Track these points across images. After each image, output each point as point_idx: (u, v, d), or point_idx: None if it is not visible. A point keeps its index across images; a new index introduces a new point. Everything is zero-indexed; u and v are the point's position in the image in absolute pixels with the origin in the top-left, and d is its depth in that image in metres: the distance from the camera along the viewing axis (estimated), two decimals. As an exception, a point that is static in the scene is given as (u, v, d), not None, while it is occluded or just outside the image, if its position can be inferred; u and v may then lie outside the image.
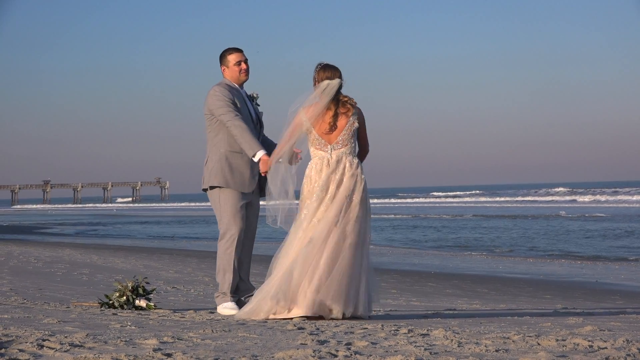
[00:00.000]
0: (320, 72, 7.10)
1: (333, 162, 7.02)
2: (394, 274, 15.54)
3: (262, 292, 6.97)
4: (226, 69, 7.69)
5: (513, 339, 5.25)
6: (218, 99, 7.52)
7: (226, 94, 7.53)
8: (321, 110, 7.04)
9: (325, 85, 7.04)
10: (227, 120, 7.45)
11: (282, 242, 7.07)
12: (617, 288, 13.58)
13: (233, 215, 7.52)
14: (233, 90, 7.61)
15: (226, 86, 7.62)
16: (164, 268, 15.31)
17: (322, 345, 5.01)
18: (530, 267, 17.83)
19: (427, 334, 5.68)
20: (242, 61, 7.67)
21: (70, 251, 19.86)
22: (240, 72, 7.66)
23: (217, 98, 7.52)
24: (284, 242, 7.04)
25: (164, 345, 4.92)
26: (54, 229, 40.46)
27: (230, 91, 7.57)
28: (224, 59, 7.70)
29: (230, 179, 7.54)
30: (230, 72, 7.67)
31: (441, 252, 22.74)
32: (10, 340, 4.85)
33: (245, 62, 7.68)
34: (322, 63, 7.13)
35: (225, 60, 7.69)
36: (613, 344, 4.98)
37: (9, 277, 11.93)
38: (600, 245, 23.85)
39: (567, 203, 63.76)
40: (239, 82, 7.68)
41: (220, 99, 7.51)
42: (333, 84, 7.04)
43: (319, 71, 7.10)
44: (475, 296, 11.78)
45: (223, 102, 7.49)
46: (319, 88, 7.06)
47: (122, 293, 7.70)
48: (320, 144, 7.06)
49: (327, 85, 7.04)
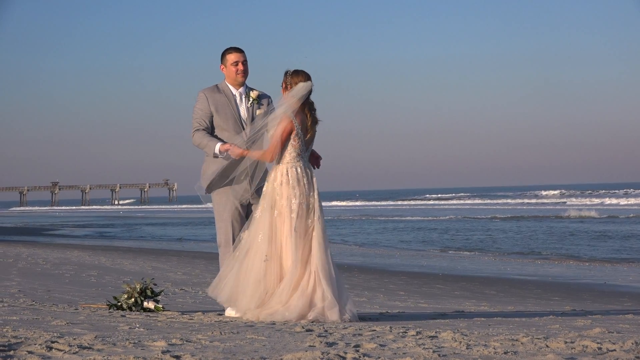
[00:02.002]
0: (293, 76, 7.26)
1: (305, 169, 7.26)
2: (402, 276, 15.53)
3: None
4: (224, 67, 7.76)
5: (521, 341, 5.24)
6: (194, 108, 7.67)
7: (202, 105, 7.63)
8: (303, 115, 7.24)
9: (301, 87, 7.21)
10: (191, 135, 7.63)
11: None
12: (626, 290, 13.55)
13: (218, 220, 7.63)
14: (218, 94, 7.67)
15: (212, 90, 7.70)
16: (172, 270, 15.32)
17: (331, 347, 5.01)
18: (538, 269, 17.79)
19: (435, 336, 5.68)
20: (240, 62, 7.70)
21: (79, 253, 19.89)
22: (237, 73, 7.70)
23: (195, 107, 7.68)
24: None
25: (172, 347, 4.92)
26: (62, 230, 40.54)
27: (212, 96, 7.65)
28: (223, 58, 7.78)
29: (215, 182, 7.63)
30: (228, 71, 7.74)
31: (449, 254, 22.71)
32: (19, 342, 4.86)
33: (243, 63, 7.72)
34: (292, 69, 7.31)
35: (224, 59, 7.76)
36: (622, 346, 4.97)
37: (18, 278, 11.96)
38: (608, 246, 23.80)
39: (572, 205, 63.61)
40: (235, 83, 7.72)
41: (195, 110, 7.67)
42: (309, 84, 7.25)
43: (292, 76, 7.27)
44: (483, 298, 11.77)
45: (194, 114, 7.65)
46: (296, 91, 7.22)
47: (130, 295, 7.70)
48: (302, 151, 7.26)
49: (302, 86, 7.22)
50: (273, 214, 7.19)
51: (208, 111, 7.60)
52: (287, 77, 7.29)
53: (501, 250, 23.67)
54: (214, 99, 7.64)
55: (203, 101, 7.64)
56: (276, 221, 7.17)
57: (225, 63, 7.74)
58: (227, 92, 7.71)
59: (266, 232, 7.15)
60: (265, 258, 7.12)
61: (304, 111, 7.26)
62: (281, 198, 7.18)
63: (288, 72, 7.32)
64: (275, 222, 7.17)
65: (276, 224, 7.17)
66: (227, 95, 7.69)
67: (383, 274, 15.95)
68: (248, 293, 7.11)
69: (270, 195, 7.23)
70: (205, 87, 7.75)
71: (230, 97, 7.69)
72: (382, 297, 11.54)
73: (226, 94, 7.70)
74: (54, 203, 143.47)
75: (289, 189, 7.19)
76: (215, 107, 7.61)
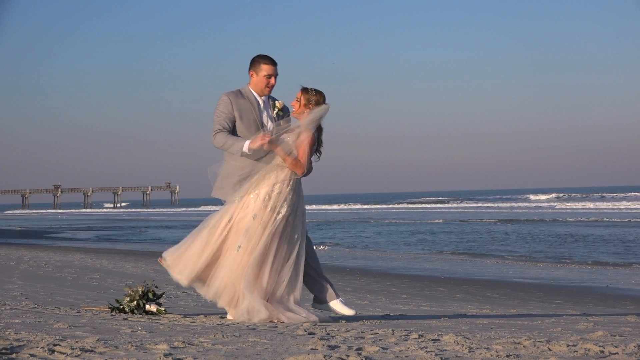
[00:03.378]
0: (317, 95, 7.36)
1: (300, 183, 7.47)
2: (404, 279, 15.53)
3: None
4: (255, 75, 7.53)
5: (524, 344, 5.24)
6: (217, 111, 7.48)
7: (226, 109, 7.45)
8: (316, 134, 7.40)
9: (325, 108, 7.35)
10: (212, 136, 7.46)
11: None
12: (628, 293, 13.54)
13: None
14: (242, 99, 7.50)
15: (236, 95, 7.52)
16: (174, 273, 15.31)
17: (333, 350, 5.01)
18: (540, 272, 17.78)
19: (437, 339, 5.68)
20: (273, 76, 7.51)
21: (81, 256, 19.90)
22: (267, 86, 7.51)
23: (217, 110, 7.48)
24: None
25: (174, 350, 4.92)
26: (64, 233, 40.54)
27: (236, 101, 7.47)
28: (256, 66, 7.53)
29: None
30: (257, 81, 7.52)
31: (451, 257, 22.71)
32: (21, 345, 4.86)
33: (275, 77, 7.53)
34: (311, 87, 7.39)
35: (258, 67, 7.52)
36: (624, 350, 4.96)
37: (20, 281, 11.96)
38: (610, 250, 23.78)
39: (574, 208, 63.57)
40: (261, 93, 7.55)
41: (217, 112, 7.47)
42: (328, 107, 7.41)
43: (316, 95, 7.36)
44: (485, 301, 11.76)
45: (216, 117, 7.46)
46: (321, 110, 7.34)
47: (132, 298, 7.70)
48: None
49: (325, 108, 7.36)
50: (265, 212, 7.22)
51: (232, 115, 7.41)
52: (311, 94, 7.34)
53: (503, 253, 23.65)
54: (238, 104, 7.45)
55: (227, 105, 7.44)
56: (263, 221, 7.23)
57: (257, 71, 7.51)
58: (250, 99, 7.51)
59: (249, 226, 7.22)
60: (238, 247, 7.20)
61: (317, 131, 7.39)
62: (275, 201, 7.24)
63: (311, 90, 7.35)
64: (263, 222, 7.22)
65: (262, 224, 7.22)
66: (250, 102, 7.50)
67: (385, 277, 15.95)
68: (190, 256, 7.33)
69: (268, 194, 7.25)
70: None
71: (253, 103, 7.51)
72: (384, 300, 11.54)
73: (250, 100, 7.51)
74: (56, 206, 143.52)
75: (287, 196, 7.26)
76: (239, 112, 7.43)
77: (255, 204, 7.25)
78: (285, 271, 7.25)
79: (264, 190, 7.27)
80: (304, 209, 7.46)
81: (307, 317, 7.16)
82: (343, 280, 14.86)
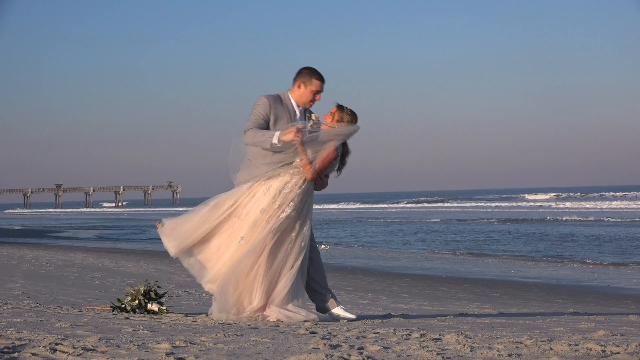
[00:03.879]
0: (351, 116, 7.40)
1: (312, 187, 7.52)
2: (405, 278, 15.53)
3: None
4: (302, 86, 7.45)
5: (525, 344, 5.24)
6: (254, 110, 7.38)
7: (264, 110, 7.37)
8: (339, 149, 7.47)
9: (355, 128, 7.42)
10: (243, 132, 7.34)
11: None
12: (630, 292, 13.54)
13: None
14: (280, 105, 7.43)
15: (275, 99, 7.44)
16: (175, 272, 15.33)
17: (335, 349, 5.01)
18: (541, 271, 17.78)
19: (439, 338, 5.68)
20: (320, 92, 7.49)
21: (82, 255, 19.91)
22: (311, 101, 7.48)
23: (255, 109, 7.38)
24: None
25: (176, 349, 4.93)
26: (66, 232, 40.55)
27: (275, 106, 7.40)
28: (307, 78, 7.46)
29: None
30: (303, 93, 7.45)
31: (452, 257, 22.70)
32: (23, 344, 4.87)
33: (321, 94, 7.52)
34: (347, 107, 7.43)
35: (309, 81, 7.45)
36: (626, 349, 4.96)
37: (22, 280, 11.97)
38: (611, 249, 23.77)
39: (573, 207, 63.56)
40: (301, 104, 7.49)
41: (255, 111, 7.37)
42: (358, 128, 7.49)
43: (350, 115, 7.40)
44: (487, 300, 11.76)
45: (252, 115, 7.37)
46: (352, 129, 7.39)
47: (134, 297, 7.71)
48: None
49: (356, 128, 7.42)
50: (272, 208, 7.22)
51: (267, 118, 7.34)
52: (345, 112, 7.37)
53: (504, 252, 23.65)
54: (276, 108, 7.38)
55: (266, 107, 7.37)
56: (268, 216, 7.23)
57: (307, 84, 7.43)
58: (289, 107, 7.45)
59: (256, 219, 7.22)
60: (241, 238, 7.23)
61: (342, 148, 7.44)
62: (284, 199, 7.24)
63: (346, 108, 7.38)
64: (268, 217, 7.23)
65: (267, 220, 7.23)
66: (288, 110, 7.44)
67: (387, 276, 15.95)
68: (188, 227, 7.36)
69: (280, 189, 7.25)
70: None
71: (291, 112, 7.45)
72: (386, 299, 11.54)
73: (288, 108, 7.44)
74: (58, 205, 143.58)
75: (295, 198, 7.26)
76: (275, 117, 7.36)
77: (265, 197, 7.25)
78: (287, 277, 7.24)
79: (276, 185, 7.26)
80: (311, 219, 7.43)
81: (306, 316, 7.17)
82: (344, 279, 14.86)
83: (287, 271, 7.24)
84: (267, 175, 7.30)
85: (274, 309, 7.17)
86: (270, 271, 7.20)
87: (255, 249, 7.18)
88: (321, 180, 7.45)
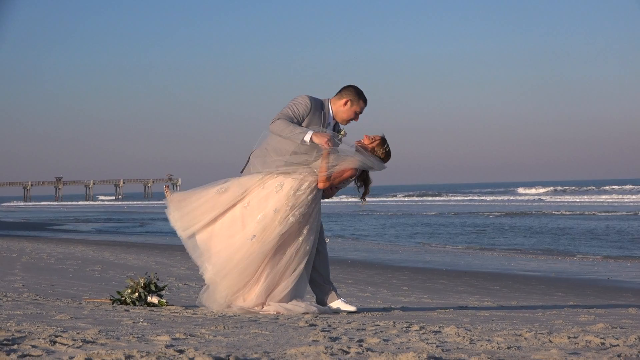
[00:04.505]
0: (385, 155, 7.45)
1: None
2: (405, 271, 15.54)
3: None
4: (348, 104, 7.43)
5: (525, 336, 5.25)
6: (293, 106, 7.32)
7: (302, 110, 7.31)
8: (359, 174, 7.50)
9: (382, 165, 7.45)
10: (272, 120, 7.27)
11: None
12: (629, 286, 13.55)
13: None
14: (319, 112, 7.38)
15: (316, 104, 7.39)
16: (175, 265, 15.34)
17: (334, 341, 5.01)
18: (541, 264, 17.79)
19: (439, 331, 5.68)
20: (360, 114, 7.51)
21: (82, 248, 19.92)
22: (349, 120, 7.46)
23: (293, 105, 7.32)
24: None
25: (176, 341, 4.93)
26: (66, 225, 40.56)
27: (315, 111, 7.35)
28: (355, 98, 7.45)
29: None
30: (347, 110, 7.44)
31: (452, 250, 22.72)
32: (23, 336, 4.87)
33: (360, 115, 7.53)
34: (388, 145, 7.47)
35: (356, 101, 7.44)
36: (625, 342, 4.97)
37: (22, 273, 11.97)
38: (611, 242, 23.78)
39: (570, 201, 63.56)
40: (338, 118, 7.48)
41: (292, 107, 7.31)
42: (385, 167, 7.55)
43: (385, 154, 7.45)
44: (486, 293, 11.77)
45: (288, 108, 7.31)
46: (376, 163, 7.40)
47: (134, 289, 7.71)
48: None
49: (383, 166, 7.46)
50: (285, 209, 7.21)
51: (302, 120, 7.29)
52: (384, 149, 7.42)
53: (503, 245, 23.66)
54: (314, 114, 7.34)
55: (305, 109, 7.31)
56: (281, 217, 7.21)
57: (353, 103, 7.43)
58: (326, 115, 7.42)
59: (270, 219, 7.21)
60: (253, 237, 7.19)
61: (362, 175, 7.47)
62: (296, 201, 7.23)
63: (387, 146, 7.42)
64: (280, 217, 7.21)
65: (279, 220, 7.21)
66: (324, 118, 7.41)
67: (386, 269, 15.96)
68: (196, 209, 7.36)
69: (294, 189, 7.24)
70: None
71: (326, 121, 7.42)
72: (386, 292, 11.54)
73: (325, 116, 7.41)
74: (58, 198, 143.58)
75: (306, 201, 7.26)
76: (310, 121, 7.31)
77: (278, 195, 7.22)
78: (288, 280, 7.24)
79: (289, 185, 7.23)
80: (319, 221, 7.44)
81: (306, 309, 7.17)
82: (344, 272, 14.87)
83: (289, 275, 7.24)
84: (280, 170, 7.28)
85: (273, 304, 7.17)
86: (271, 274, 7.21)
87: (264, 252, 7.17)
88: (331, 190, 7.45)
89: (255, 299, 7.19)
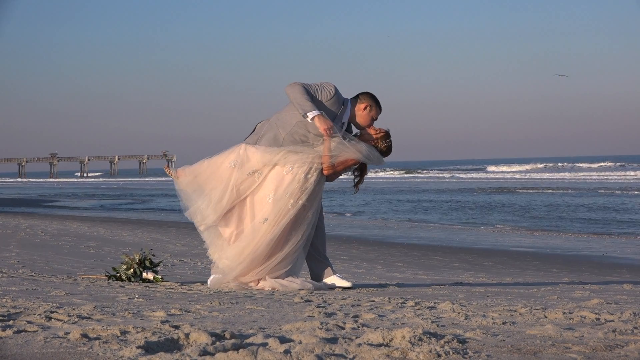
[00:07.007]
0: (387, 150, 7.49)
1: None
2: (400, 248, 15.56)
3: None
4: (367, 109, 7.43)
5: (520, 312, 5.26)
6: (317, 87, 7.29)
7: (325, 95, 7.28)
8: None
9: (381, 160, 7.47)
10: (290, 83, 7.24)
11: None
12: (624, 262, 13.58)
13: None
14: (337, 106, 7.36)
15: (338, 99, 7.37)
16: (170, 241, 15.35)
17: (330, 317, 5.02)
18: (536, 240, 17.83)
19: (434, 306, 5.69)
20: (375, 120, 7.50)
21: (78, 224, 19.91)
22: (362, 125, 7.45)
23: (318, 87, 7.29)
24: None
25: (171, 317, 4.93)
26: (61, 201, 40.54)
27: (333, 104, 7.33)
28: (374, 105, 7.46)
29: None
30: (365, 115, 7.45)
31: (447, 226, 22.75)
32: (18, 312, 4.87)
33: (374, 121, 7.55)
34: (391, 140, 7.49)
35: (374, 109, 7.45)
36: (620, 317, 4.98)
37: (17, 249, 11.97)
38: (606, 219, 23.83)
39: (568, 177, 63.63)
40: (353, 120, 7.48)
41: (317, 89, 7.28)
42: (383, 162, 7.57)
43: (387, 149, 7.48)
44: (481, 269, 11.80)
45: (313, 85, 7.28)
46: (375, 158, 7.40)
47: (129, 266, 7.71)
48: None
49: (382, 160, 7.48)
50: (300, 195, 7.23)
51: (318, 107, 7.22)
52: (387, 143, 7.45)
53: (498, 222, 23.70)
54: (332, 106, 7.33)
55: (328, 95, 7.29)
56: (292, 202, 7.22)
57: (372, 109, 7.44)
58: (342, 113, 7.41)
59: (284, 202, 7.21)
60: (265, 220, 7.19)
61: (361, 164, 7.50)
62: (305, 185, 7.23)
63: (390, 140, 7.45)
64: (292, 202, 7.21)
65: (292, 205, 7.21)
66: (340, 114, 7.40)
67: (382, 246, 15.98)
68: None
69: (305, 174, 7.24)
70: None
71: (339, 117, 7.40)
72: (381, 268, 11.56)
73: (341, 113, 7.41)
74: (53, 174, 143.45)
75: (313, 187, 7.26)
76: (326, 110, 7.26)
77: (288, 177, 7.21)
78: (287, 261, 7.26)
79: (302, 169, 7.22)
80: (320, 202, 7.46)
81: (302, 285, 7.18)
82: (340, 249, 14.89)
83: (289, 255, 7.27)
84: (290, 149, 7.25)
85: (269, 279, 7.19)
86: (279, 255, 7.23)
87: (275, 235, 7.18)
88: (333, 175, 7.46)
89: (255, 276, 7.21)
